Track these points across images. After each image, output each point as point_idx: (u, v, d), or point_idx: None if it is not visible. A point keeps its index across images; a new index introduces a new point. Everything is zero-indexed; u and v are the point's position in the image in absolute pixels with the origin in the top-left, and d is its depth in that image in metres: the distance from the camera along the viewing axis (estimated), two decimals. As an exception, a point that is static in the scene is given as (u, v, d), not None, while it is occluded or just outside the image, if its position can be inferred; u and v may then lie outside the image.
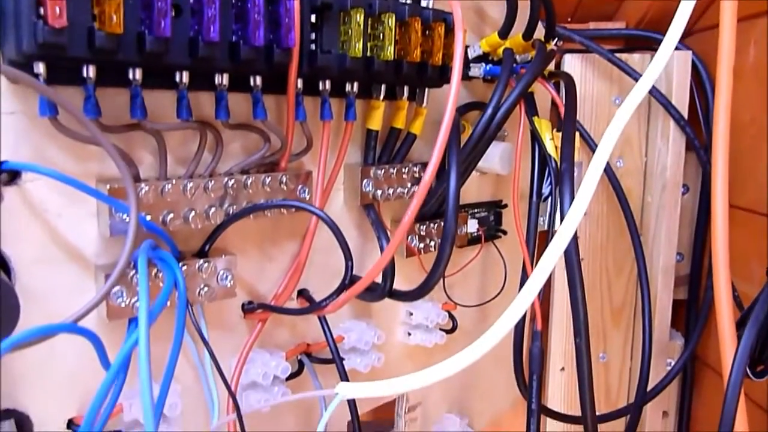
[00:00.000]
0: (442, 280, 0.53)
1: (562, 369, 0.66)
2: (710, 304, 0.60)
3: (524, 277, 0.52)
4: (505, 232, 0.59)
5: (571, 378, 0.66)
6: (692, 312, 0.63)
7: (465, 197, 0.55)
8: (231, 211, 0.37)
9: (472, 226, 0.55)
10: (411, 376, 0.31)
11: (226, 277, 0.37)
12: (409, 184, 0.46)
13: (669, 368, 0.62)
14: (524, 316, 0.53)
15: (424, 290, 0.40)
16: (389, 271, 0.41)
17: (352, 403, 0.42)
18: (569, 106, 0.44)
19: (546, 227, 0.59)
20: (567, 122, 0.42)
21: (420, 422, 0.57)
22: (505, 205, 0.59)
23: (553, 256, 0.30)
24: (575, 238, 0.36)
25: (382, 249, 0.46)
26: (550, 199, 0.52)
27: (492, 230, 0.58)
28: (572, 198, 0.34)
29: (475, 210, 0.56)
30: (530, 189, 0.52)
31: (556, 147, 0.51)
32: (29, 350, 0.32)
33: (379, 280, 0.43)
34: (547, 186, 0.52)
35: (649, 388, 0.59)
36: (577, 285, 0.36)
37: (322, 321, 0.42)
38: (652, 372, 0.60)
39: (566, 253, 0.36)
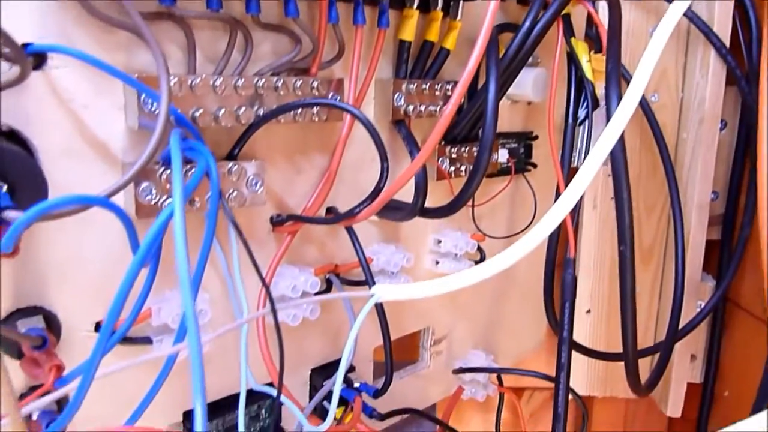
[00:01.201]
0: (471, 210, 0.52)
1: (588, 311, 0.65)
2: (745, 243, 0.58)
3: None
4: (535, 165, 0.57)
5: (598, 320, 0.65)
6: (725, 251, 0.61)
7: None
8: (261, 113, 0.35)
9: (502, 156, 0.54)
10: (447, 277, 0.30)
11: (256, 183, 0.36)
12: (441, 102, 0.45)
13: (699, 310, 0.61)
14: (557, 243, 0.51)
15: (459, 203, 0.39)
16: (422, 185, 0.40)
17: (382, 317, 0.41)
18: (613, 16, 0.42)
19: (577, 164, 0.57)
20: (611, 21, 0.39)
21: (445, 357, 0.57)
22: (536, 137, 0.57)
23: (597, 160, 0.29)
24: (622, 137, 0.34)
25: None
26: (585, 124, 0.50)
27: (521, 162, 0.56)
28: (619, 98, 0.33)
29: (506, 140, 0.54)
30: (566, 113, 0.50)
31: (593, 70, 0.49)
32: (56, 247, 0.31)
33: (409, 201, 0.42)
34: (583, 110, 0.50)
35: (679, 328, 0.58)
36: (623, 187, 0.34)
37: (352, 234, 0.41)
38: (682, 313, 0.58)
39: (612, 153, 0.35)
